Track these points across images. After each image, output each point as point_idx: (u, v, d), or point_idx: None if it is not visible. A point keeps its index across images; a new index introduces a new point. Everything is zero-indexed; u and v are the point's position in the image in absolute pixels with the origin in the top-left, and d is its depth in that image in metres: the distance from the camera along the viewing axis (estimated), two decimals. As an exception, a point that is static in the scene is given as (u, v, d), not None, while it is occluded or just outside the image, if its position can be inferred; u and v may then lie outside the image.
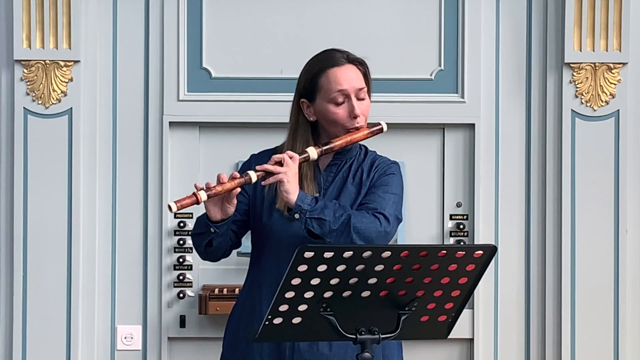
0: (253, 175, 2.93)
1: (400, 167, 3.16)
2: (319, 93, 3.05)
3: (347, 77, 3.05)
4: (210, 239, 3.03)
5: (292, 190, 2.93)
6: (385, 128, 3.13)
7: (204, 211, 3.03)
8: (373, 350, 2.64)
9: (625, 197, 4.22)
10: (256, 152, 3.20)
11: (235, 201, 2.98)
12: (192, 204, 2.89)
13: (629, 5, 4.17)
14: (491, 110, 4.27)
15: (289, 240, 3.01)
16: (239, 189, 2.95)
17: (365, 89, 3.08)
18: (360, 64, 3.11)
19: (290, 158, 2.95)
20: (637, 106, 4.25)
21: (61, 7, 4.12)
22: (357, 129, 3.06)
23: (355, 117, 3.04)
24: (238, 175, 2.94)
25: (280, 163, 2.94)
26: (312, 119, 3.09)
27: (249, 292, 3.12)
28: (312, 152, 3.01)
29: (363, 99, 3.07)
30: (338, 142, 3.04)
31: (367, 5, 4.24)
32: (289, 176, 2.92)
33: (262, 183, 2.96)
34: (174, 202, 2.87)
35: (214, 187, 2.91)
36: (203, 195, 2.89)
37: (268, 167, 2.94)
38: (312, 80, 3.07)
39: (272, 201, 3.05)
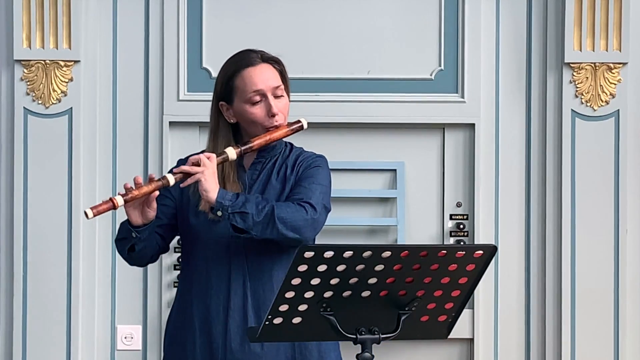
0: (170, 178, 2.93)
1: (327, 161, 3.12)
2: (235, 95, 3.04)
3: (262, 77, 3.03)
4: (132, 244, 3.01)
5: (210, 189, 2.91)
6: (305, 125, 3.10)
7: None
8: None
9: (625, 197, 4.22)
10: (183, 157, 3.17)
11: (155, 205, 2.96)
12: (108, 210, 2.88)
13: (629, 5, 4.17)
14: (491, 110, 4.27)
15: (216, 240, 3.01)
16: (157, 192, 2.94)
17: (282, 87, 3.06)
18: (275, 62, 3.09)
19: (208, 158, 2.94)
20: (637, 106, 4.25)
21: (61, 7, 4.12)
22: (277, 127, 3.04)
23: (273, 115, 3.02)
24: (155, 177, 2.94)
25: (197, 164, 2.94)
26: (232, 120, 3.07)
27: (181, 295, 3.11)
28: (231, 152, 3.00)
29: (280, 96, 3.05)
30: (257, 142, 3.02)
31: (367, 6, 4.24)
32: (206, 175, 2.91)
33: (181, 185, 2.94)
34: (90, 208, 2.86)
35: (131, 191, 2.90)
36: (119, 200, 2.87)
37: (185, 168, 2.94)
38: (228, 83, 3.05)
39: (196, 203, 3.03)
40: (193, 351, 3.04)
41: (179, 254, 4.21)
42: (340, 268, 2.54)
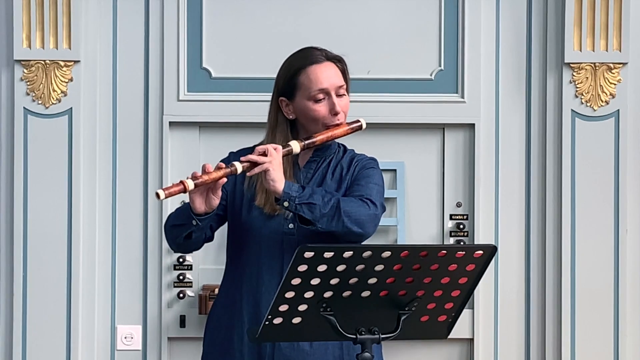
0: (239, 166, 2.93)
1: (379, 163, 3.16)
2: (298, 91, 3.06)
3: (326, 75, 3.06)
4: (190, 232, 3.01)
5: (278, 179, 2.92)
6: (364, 125, 3.13)
7: (178, 207, 3.03)
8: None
9: (625, 197, 4.22)
10: (234, 150, 3.19)
11: (220, 193, 2.96)
12: (179, 192, 2.87)
13: (629, 5, 4.17)
14: (491, 110, 4.27)
15: (269, 237, 3.02)
16: (225, 180, 2.94)
17: (345, 86, 3.09)
18: (338, 61, 3.12)
19: (274, 149, 2.95)
20: (637, 106, 4.25)
21: (61, 7, 4.12)
22: (337, 125, 3.06)
23: (336, 113, 3.05)
24: (223, 165, 2.94)
25: (264, 154, 2.95)
26: (291, 117, 3.09)
27: (229, 289, 3.11)
28: (295, 146, 3.01)
29: (342, 96, 3.08)
30: (319, 137, 3.04)
31: (367, 5, 4.24)
32: (274, 165, 2.92)
33: (248, 174, 2.95)
34: (162, 189, 2.85)
35: (201, 176, 2.90)
36: (190, 184, 2.87)
37: (253, 157, 2.94)
38: (292, 79, 3.07)
39: (251, 198, 3.05)
40: (241, 346, 3.04)
41: (179, 254, 4.21)
42: (340, 268, 2.55)
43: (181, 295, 4.21)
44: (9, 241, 4.21)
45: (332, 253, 2.52)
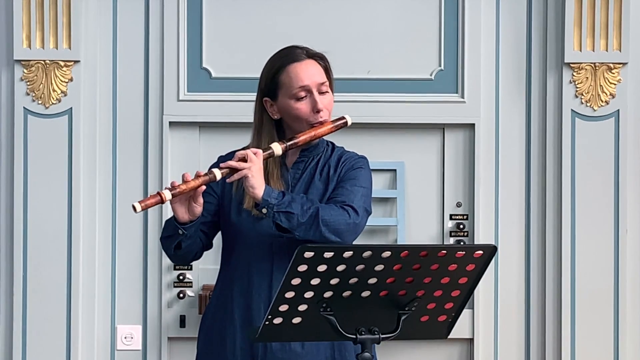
0: (217, 173, 2.92)
1: (368, 162, 3.13)
2: (280, 90, 3.04)
3: (307, 72, 3.03)
4: (179, 242, 3.01)
5: (257, 185, 2.91)
6: (349, 122, 3.09)
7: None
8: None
9: (625, 197, 4.22)
10: (224, 154, 3.17)
11: (201, 200, 2.95)
12: (156, 204, 2.87)
13: (629, 5, 4.17)
14: (491, 110, 4.27)
15: (259, 239, 3.01)
16: (204, 187, 2.93)
17: (327, 83, 3.06)
18: (320, 58, 3.09)
19: (254, 154, 2.94)
20: (637, 106, 4.25)
21: (61, 7, 4.12)
22: (321, 123, 3.04)
23: (318, 111, 3.02)
24: (202, 173, 2.93)
25: (244, 159, 2.93)
26: (276, 116, 3.07)
27: (221, 292, 3.10)
28: (276, 148, 2.99)
29: (325, 93, 3.05)
30: (302, 137, 3.01)
31: (367, 5, 4.25)
32: (253, 171, 2.90)
33: (227, 180, 2.93)
34: (139, 202, 2.85)
35: (179, 185, 2.89)
36: (167, 195, 2.86)
37: (232, 163, 2.93)
38: (273, 78, 3.05)
39: (240, 201, 3.03)
40: (233, 348, 3.03)
41: (179, 254, 4.21)
42: (340, 268, 2.54)
43: (181, 295, 4.22)
44: (9, 241, 4.21)
45: (332, 253, 2.52)
